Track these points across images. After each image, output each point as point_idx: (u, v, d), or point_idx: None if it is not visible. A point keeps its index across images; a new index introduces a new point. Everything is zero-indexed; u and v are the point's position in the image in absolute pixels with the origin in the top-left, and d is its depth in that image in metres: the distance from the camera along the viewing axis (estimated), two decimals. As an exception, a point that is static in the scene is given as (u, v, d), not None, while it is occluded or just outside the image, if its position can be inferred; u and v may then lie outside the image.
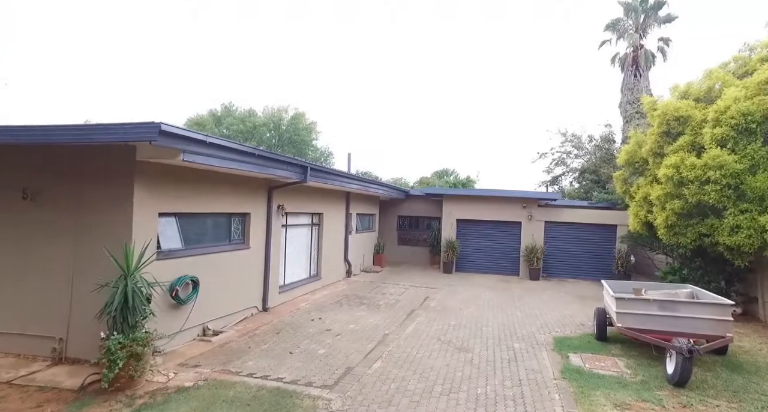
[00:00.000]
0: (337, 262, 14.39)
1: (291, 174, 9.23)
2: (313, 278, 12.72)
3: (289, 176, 9.25)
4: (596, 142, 25.99)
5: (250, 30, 62.99)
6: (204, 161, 6.46)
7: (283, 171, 8.88)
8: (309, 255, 12.68)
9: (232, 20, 60.77)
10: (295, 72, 65.72)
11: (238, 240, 9.11)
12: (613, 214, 16.25)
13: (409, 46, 71.46)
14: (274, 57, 65.12)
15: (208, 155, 6.53)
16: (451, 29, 70.35)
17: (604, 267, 16.11)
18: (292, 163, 9.16)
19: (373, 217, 18.50)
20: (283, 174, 8.91)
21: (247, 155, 7.54)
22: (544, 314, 10.68)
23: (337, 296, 11.95)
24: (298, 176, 9.56)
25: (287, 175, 9.07)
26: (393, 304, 11.26)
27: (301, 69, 65.98)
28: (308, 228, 12.67)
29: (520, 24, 67.12)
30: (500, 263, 17.26)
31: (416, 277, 15.90)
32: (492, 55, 70.78)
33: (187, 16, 60.09)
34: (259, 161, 7.96)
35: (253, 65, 62.41)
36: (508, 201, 17.09)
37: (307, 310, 10.27)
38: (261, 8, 62.45)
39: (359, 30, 69.66)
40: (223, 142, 6.73)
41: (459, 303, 11.69)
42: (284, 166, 8.90)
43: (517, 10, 64.38)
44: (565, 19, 59.37)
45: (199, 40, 62.09)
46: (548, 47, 65.66)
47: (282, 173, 8.89)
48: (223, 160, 6.96)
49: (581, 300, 12.60)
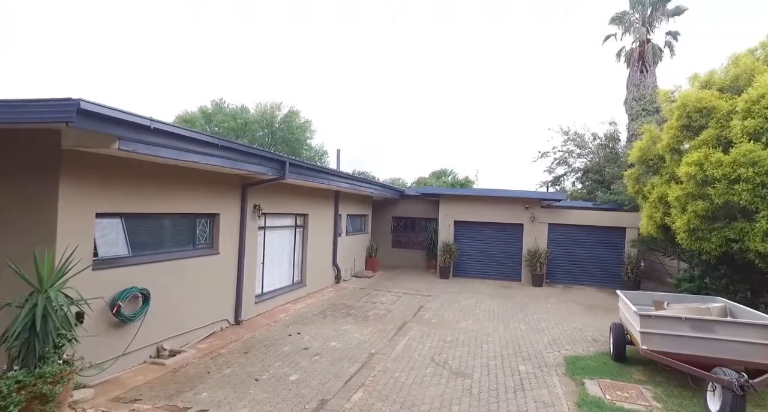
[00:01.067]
0: (325, 267, 13.29)
1: (266, 170, 8.13)
2: (297, 286, 11.61)
3: (265, 172, 8.15)
4: (600, 140, 24.97)
5: (246, 26, 61.90)
6: (150, 152, 5.36)
7: (256, 166, 7.79)
8: (292, 260, 11.57)
9: (226, 16, 59.66)
10: (290, 70, 64.64)
11: (204, 245, 8.01)
12: (623, 216, 15.19)
13: (407, 45, 70.47)
14: (269, 55, 64.04)
15: (156, 145, 5.42)
16: (449, 26, 69.40)
17: (613, 273, 15.05)
18: (267, 158, 8.07)
19: (366, 218, 17.41)
20: (256, 170, 7.81)
21: (209, 146, 6.44)
22: (551, 327, 9.59)
23: (322, 306, 10.85)
24: (275, 172, 8.46)
25: (262, 170, 7.97)
26: (383, 315, 10.16)
27: (297, 67, 64.89)
28: (291, 230, 11.57)
29: (520, 19, 66.20)
30: (501, 268, 16.18)
31: (411, 283, 14.81)
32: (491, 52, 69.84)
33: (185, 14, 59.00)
34: (226, 154, 6.86)
35: (247, 62, 61.28)
36: (510, 202, 16.02)
37: (286, 323, 9.16)
38: (257, 5, 61.38)
39: (358, 28, 68.64)
40: (176, 130, 5.63)
41: (456, 314, 10.60)
42: (257, 161, 7.80)
43: (518, 5, 63.46)
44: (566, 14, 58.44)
45: (192, 36, 60.95)
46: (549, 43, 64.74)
47: (256, 169, 7.79)
48: (180, 152, 5.87)
49: (590, 310, 11.53)
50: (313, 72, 65.22)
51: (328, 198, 13.36)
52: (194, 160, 6.24)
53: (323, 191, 12.86)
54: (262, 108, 37.18)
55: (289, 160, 8.74)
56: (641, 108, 23.00)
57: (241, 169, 7.44)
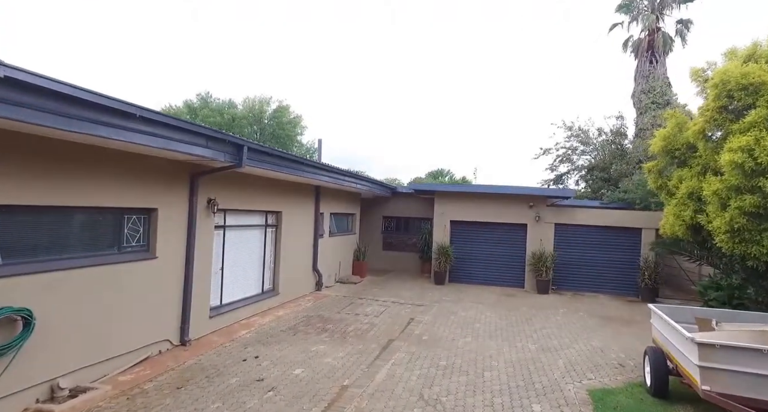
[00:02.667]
0: (303, 272, 11.67)
1: (217, 154, 6.52)
2: (267, 295, 9.99)
3: (214, 158, 6.54)
4: (606, 136, 23.48)
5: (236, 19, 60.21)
6: (11, 115, 3.75)
7: (201, 149, 6.17)
8: (261, 265, 9.95)
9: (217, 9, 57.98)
10: (281, 65, 63.01)
11: (136, 247, 6.38)
12: (638, 215, 13.64)
13: (405, 41, 69.01)
14: (259, 49, 62.38)
15: (22, 105, 3.82)
16: (447, 20, 67.97)
17: (627, 279, 13.50)
18: (216, 139, 6.45)
19: (353, 217, 15.80)
20: (201, 153, 6.20)
21: (124, 117, 4.83)
22: (565, 347, 8.01)
23: (296, 319, 9.23)
24: (229, 158, 6.85)
25: (208, 154, 6.35)
26: (366, 331, 8.56)
27: (289, 62, 63.28)
28: (260, 230, 9.95)
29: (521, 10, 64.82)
30: (502, 273, 14.59)
31: (402, 289, 13.20)
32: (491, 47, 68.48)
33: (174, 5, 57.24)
34: (152, 129, 5.26)
35: (236, 56, 59.58)
36: (512, 200, 14.44)
37: (246, 342, 7.54)
38: (249, 0, 59.67)
39: (356, 23, 67.14)
40: (59, 87, 4.02)
41: (452, 328, 9.01)
42: (202, 142, 6.18)
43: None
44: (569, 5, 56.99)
45: (180, 28, 59.23)
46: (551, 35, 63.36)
47: (201, 152, 6.18)
48: (68, 121, 4.25)
49: (607, 323, 9.95)
50: (305, 67, 63.66)
51: (307, 194, 11.75)
52: (100, 135, 4.63)
53: (301, 186, 11.26)
54: (250, 103, 35.56)
55: (247, 144, 7.13)
56: (651, 101, 21.52)
57: (179, 151, 5.82)
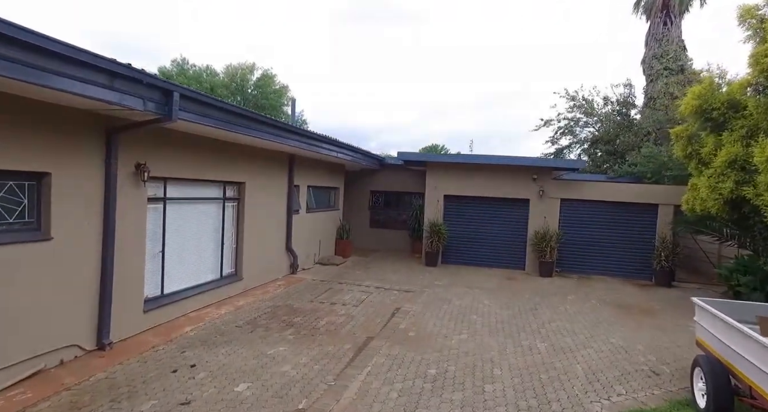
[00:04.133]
0: (273, 253, 10.13)
1: (129, 100, 4.83)
2: (228, 280, 8.46)
3: (129, 105, 4.84)
4: (612, 105, 21.79)
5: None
6: None
7: (100, 90, 4.45)
8: (219, 245, 8.38)
9: (200, -25, 54.20)
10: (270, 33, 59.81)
11: (16, 225, 4.74)
12: (655, 189, 12.15)
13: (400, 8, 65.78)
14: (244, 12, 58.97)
15: None
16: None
17: (640, 261, 12.12)
18: (123, 77, 4.69)
19: (335, 192, 14.18)
20: (101, 97, 4.48)
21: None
22: (581, 346, 6.60)
23: (258, 310, 7.74)
24: (153, 108, 5.16)
25: (114, 100, 4.65)
26: (340, 325, 7.09)
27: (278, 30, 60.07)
28: (217, 205, 8.33)
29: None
30: (501, 254, 13.16)
31: (389, 272, 11.75)
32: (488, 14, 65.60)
33: (150, -31, 53.28)
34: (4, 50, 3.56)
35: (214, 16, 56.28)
36: (513, 172, 12.88)
37: (186, 343, 6.03)
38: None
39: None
40: None
41: (445, 321, 7.57)
42: (102, 80, 4.46)
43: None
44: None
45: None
46: (548, 13, 60.61)
47: (99, 94, 4.46)
48: None
49: (625, 313, 8.57)
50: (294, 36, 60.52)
51: (278, 163, 10.09)
52: None
53: (270, 153, 9.58)
54: (232, 71, 33.19)
55: (179, 91, 5.42)
56: (663, 66, 19.76)
57: (65, 91, 4.12)
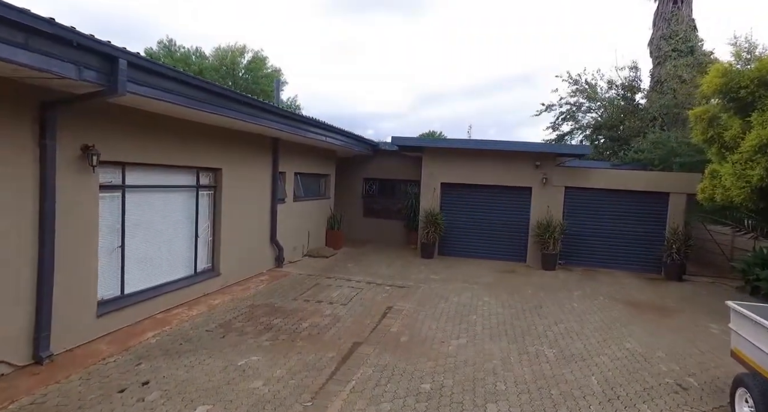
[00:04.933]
0: (256, 246, 9.33)
1: (57, 67, 3.95)
2: (203, 277, 7.67)
3: (61, 73, 3.97)
4: (617, 90, 20.90)
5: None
6: None
7: (10, 49, 3.60)
8: (193, 238, 7.56)
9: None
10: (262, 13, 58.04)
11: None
12: (667, 177, 11.37)
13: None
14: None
15: None
16: (441, -26, 62.90)
17: (648, 253, 11.42)
18: (44, 35, 3.82)
19: (326, 179, 13.33)
20: (13, 58, 3.63)
21: None
22: (593, 353, 5.88)
23: (235, 310, 6.96)
24: (93, 78, 4.29)
25: (34, 64, 3.77)
26: (325, 328, 6.33)
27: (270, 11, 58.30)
28: (189, 193, 7.48)
29: (518, -32, 59.99)
30: (500, 245, 12.42)
31: (382, 265, 10.99)
32: (486, 5, 63.95)
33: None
34: None
35: (215, 9, 54.42)
36: (515, 158, 12.06)
37: (144, 352, 5.25)
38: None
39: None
40: None
41: (441, 323, 6.83)
42: (16, 37, 3.60)
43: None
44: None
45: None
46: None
47: (8, 55, 3.61)
48: None
49: (636, 312, 7.85)
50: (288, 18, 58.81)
51: (260, 148, 9.22)
52: None
53: (250, 137, 8.72)
54: (221, 53, 31.96)
55: (127, 58, 4.54)
56: (672, 48, 18.85)
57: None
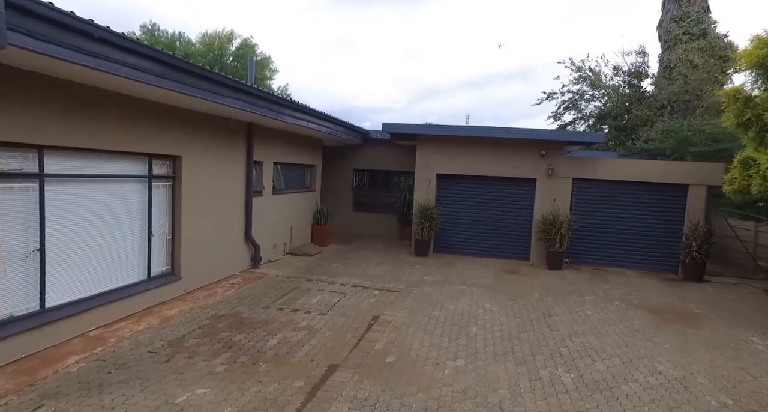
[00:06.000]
0: (227, 245, 8.23)
1: None
2: (158, 282, 6.56)
3: None
4: (623, 76, 19.80)
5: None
6: None
7: None
8: (145, 237, 6.45)
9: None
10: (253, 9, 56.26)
11: None
12: (688, 168, 10.30)
13: (390, -20, 62.19)
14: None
15: None
16: (438, -40, 61.15)
17: (663, 250, 10.39)
18: None
19: (311, 170, 12.21)
20: None
21: None
22: (621, 379, 4.84)
23: (192, 322, 5.88)
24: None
25: None
26: (296, 346, 5.26)
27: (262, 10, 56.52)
28: (141, 184, 6.34)
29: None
30: (501, 242, 11.38)
31: (371, 264, 9.92)
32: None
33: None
34: None
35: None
36: (517, 146, 10.97)
37: (52, 388, 4.16)
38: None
39: (332, -43, 59.74)
40: None
41: (435, 338, 5.78)
42: None
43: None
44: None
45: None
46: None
47: None
48: None
49: (659, 321, 6.82)
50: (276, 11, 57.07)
51: (231, 133, 8.09)
52: None
53: (218, 120, 7.59)
54: (208, 39, 30.56)
55: (17, 2, 3.40)
56: (682, 31, 17.71)
57: None
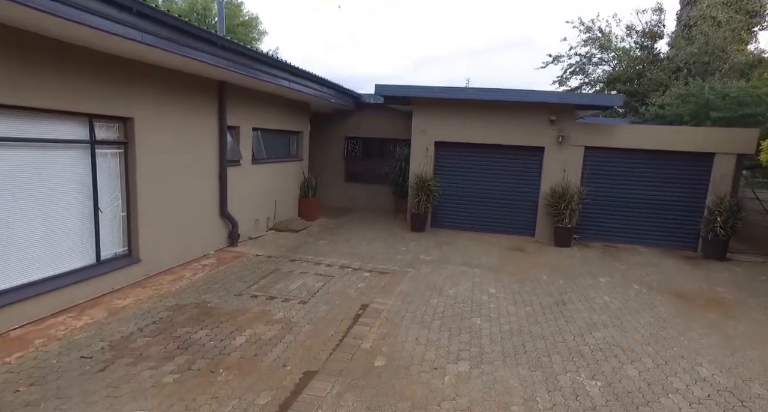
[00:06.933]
0: (198, 221, 7.26)
1: None
2: (110, 266, 5.63)
3: None
4: (637, 35, 18.41)
5: None
6: None
7: None
8: (91, 214, 5.45)
9: None
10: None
11: None
12: (714, 134, 9.25)
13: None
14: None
15: None
16: None
17: (682, 225, 9.53)
18: None
19: (297, 137, 11.10)
20: None
21: None
22: (658, 388, 4.01)
23: (146, 316, 4.99)
24: None
25: None
26: (267, 345, 4.39)
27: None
28: (81, 151, 5.28)
29: None
30: (504, 216, 10.47)
31: (363, 241, 9.03)
32: (486, -50, 58.90)
33: None
34: None
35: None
36: (525, 111, 9.88)
37: (-41, 405, 3.30)
38: None
39: None
40: None
41: (433, 333, 4.92)
42: None
43: None
44: None
45: None
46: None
47: None
48: None
49: (691, 308, 5.99)
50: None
51: (198, 93, 6.95)
52: None
53: (182, 77, 6.43)
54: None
55: None
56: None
57: None
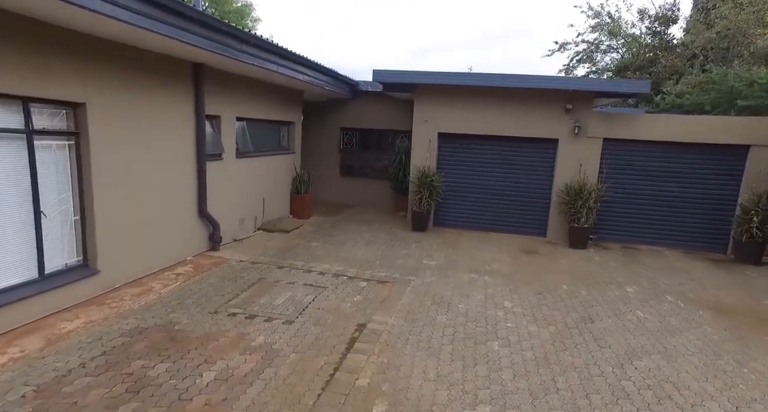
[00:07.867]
0: (172, 223, 6.40)
1: None
2: (60, 280, 4.77)
3: None
4: (650, 20, 17.43)
5: None
6: None
7: None
8: (31, 218, 4.59)
9: None
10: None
11: None
12: (750, 124, 8.39)
13: None
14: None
15: None
16: None
17: (710, 226, 8.71)
18: None
19: (289, 128, 10.19)
20: None
21: None
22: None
23: (95, 344, 4.15)
24: None
25: None
26: (242, 381, 3.56)
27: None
28: (15, 143, 4.41)
29: None
30: (513, 215, 9.63)
31: (359, 243, 8.19)
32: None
33: None
34: None
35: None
36: (537, 99, 9.00)
37: None
38: None
39: None
40: None
41: (443, 363, 4.10)
42: None
43: None
44: None
45: None
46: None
47: None
48: None
49: (741, 329, 5.18)
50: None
51: (170, 77, 6.03)
52: None
53: (149, 57, 5.52)
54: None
55: None
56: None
57: None
